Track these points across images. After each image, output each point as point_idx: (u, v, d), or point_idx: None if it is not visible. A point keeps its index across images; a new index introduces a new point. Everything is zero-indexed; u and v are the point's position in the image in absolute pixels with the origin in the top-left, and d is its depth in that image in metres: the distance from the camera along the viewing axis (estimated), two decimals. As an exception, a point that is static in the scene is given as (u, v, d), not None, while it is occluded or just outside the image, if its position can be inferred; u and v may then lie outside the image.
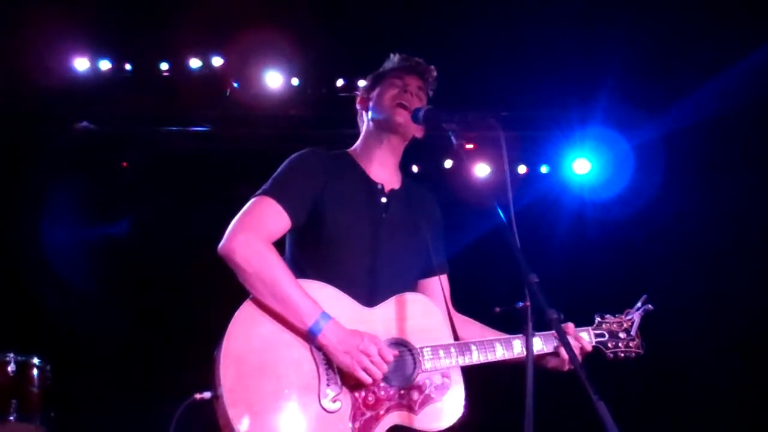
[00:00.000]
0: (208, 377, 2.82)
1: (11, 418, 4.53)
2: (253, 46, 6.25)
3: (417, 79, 3.27)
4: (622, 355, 3.31)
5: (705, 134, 6.40)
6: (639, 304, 3.37)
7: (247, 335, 2.81)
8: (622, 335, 3.32)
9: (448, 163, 7.18)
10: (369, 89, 3.34)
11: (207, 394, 2.81)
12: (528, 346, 2.55)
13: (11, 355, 4.63)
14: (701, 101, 6.15)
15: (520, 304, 2.59)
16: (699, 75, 6.10)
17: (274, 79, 6.46)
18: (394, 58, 3.34)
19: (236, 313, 2.85)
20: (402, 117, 3.18)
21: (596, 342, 3.29)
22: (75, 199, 6.71)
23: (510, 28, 5.90)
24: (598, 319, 3.34)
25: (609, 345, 3.30)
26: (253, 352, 2.79)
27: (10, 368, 4.59)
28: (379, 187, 3.21)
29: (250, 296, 2.88)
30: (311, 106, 6.59)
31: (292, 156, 3.15)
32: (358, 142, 3.34)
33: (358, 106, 3.40)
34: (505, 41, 5.96)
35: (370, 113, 3.29)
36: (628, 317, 3.35)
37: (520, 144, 6.95)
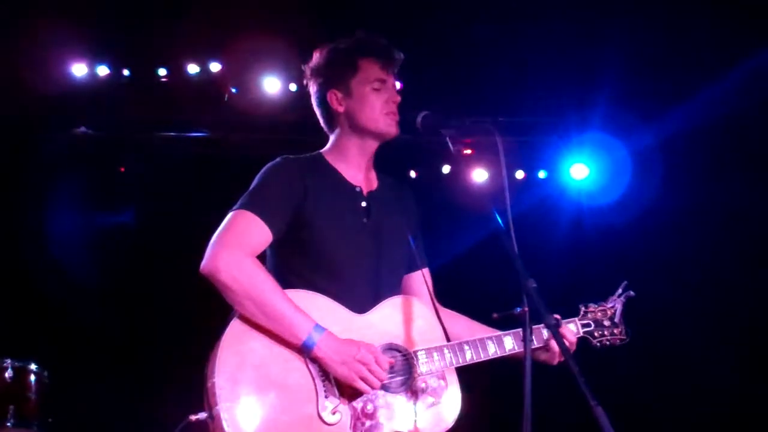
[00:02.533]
0: (202, 398, 2.77)
1: (8, 424, 4.51)
2: (251, 52, 6.25)
3: (395, 76, 3.18)
4: (608, 343, 3.31)
5: (703, 139, 6.41)
6: (620, 291, 3.36)
7: (240, 352, 2.75)
8: (606, 323, 3.31)
9: (445, 169, 7.18)
10: (340, 78, 3.13)
11: (202, 415, 2.74)
12: (526, 350, 2.54)
13: (8, 360, 4.61)
14: (699, 106, 6.16)
15: (518, 309, 2.58)
16: (697, 80, 6.11)
17: (272, 85, 6.46)
18: (365, 40, 3.20)
19: (226, 331, 2.78)
20: (396, 129, 3.12)
21: (583, 332, 3.29)
22: (72, 204, 6.71)
23: (508, 33, 5.90)
24: (582, 308, 3.33)
25: (595, 334, 3.29)
26: (247, 369, 2.73)
27: (8, 374, 4.57)
28: (358, 190, 3.14)
29: (238, 314, 2.81)
30: (309, 112, 6.57)
31: (267, 167, 3.05)
32: (332, 143, 3.21)
33: (327, 99, 3.16)
34: (502, 47, 5.97)
35: (349, 116, 3.13)
36: (611, 305, 3.35)
37: (518, 149, 6.96)
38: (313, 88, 3.24)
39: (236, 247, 2.82)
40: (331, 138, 3.24)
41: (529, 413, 2.40)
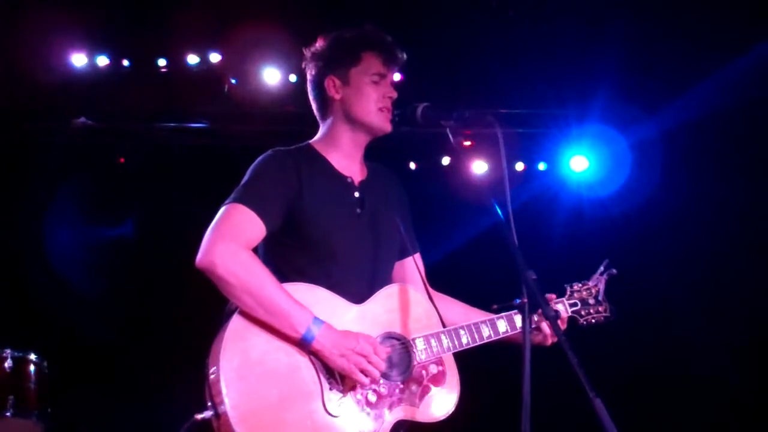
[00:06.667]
0: (204, 397, 2.74)
1: (8, 414, 4.53)
2: (251, 43, 6.23)
3: (396, 73, 3.20)
4: (593, 321, 3.36)
5: (703, 131, 6.41)
6: (602, 269, 3.41)
7: (244, 348, 2.74)
8: (591, 301, 3.36)
9: (445, 160, 7.18)
10: (341, 66, 3.13)
11: (208, 413, 2.71)
12: (525, 343, 2.54)
13: (8, 350, 4.63)
14: (699, 98, 6.15)
15: (518, 300, 2.60)
16: (697, 72, 6.11)
17: (272, 76, 6.44)
18: (371, 34, 3.19)
19: (228, 326, 2.76)
20: (388, 126, 3.12)
21: (571, 311, 3.32)
22: (73, 195, 6.70)
23: (507, 25, 5.90)
24: (568, 289, 3.37)
25: (582, 313, 3.34)
26: (252, 365, 2.73)
27: (7, 364, 4.59)
28: (350, 181, 3.14)
29: (239, 309, 2.80)
30: (309, 103, 6.56)
31: (259, 159, 3.04)
32: (323, 132, 3.19)
33: (324, 84, 3.14)
34: (502, 39, 5.96)
35: (344, 105, 3.12)
36: (594, 283, 3.40)
37: (518, 141, 6.95)
38: (311, 72, 3.22)
39: (232, 240, 2.80)
40: (323, 127, 3.22)
41: (528, 402, 2.40)
